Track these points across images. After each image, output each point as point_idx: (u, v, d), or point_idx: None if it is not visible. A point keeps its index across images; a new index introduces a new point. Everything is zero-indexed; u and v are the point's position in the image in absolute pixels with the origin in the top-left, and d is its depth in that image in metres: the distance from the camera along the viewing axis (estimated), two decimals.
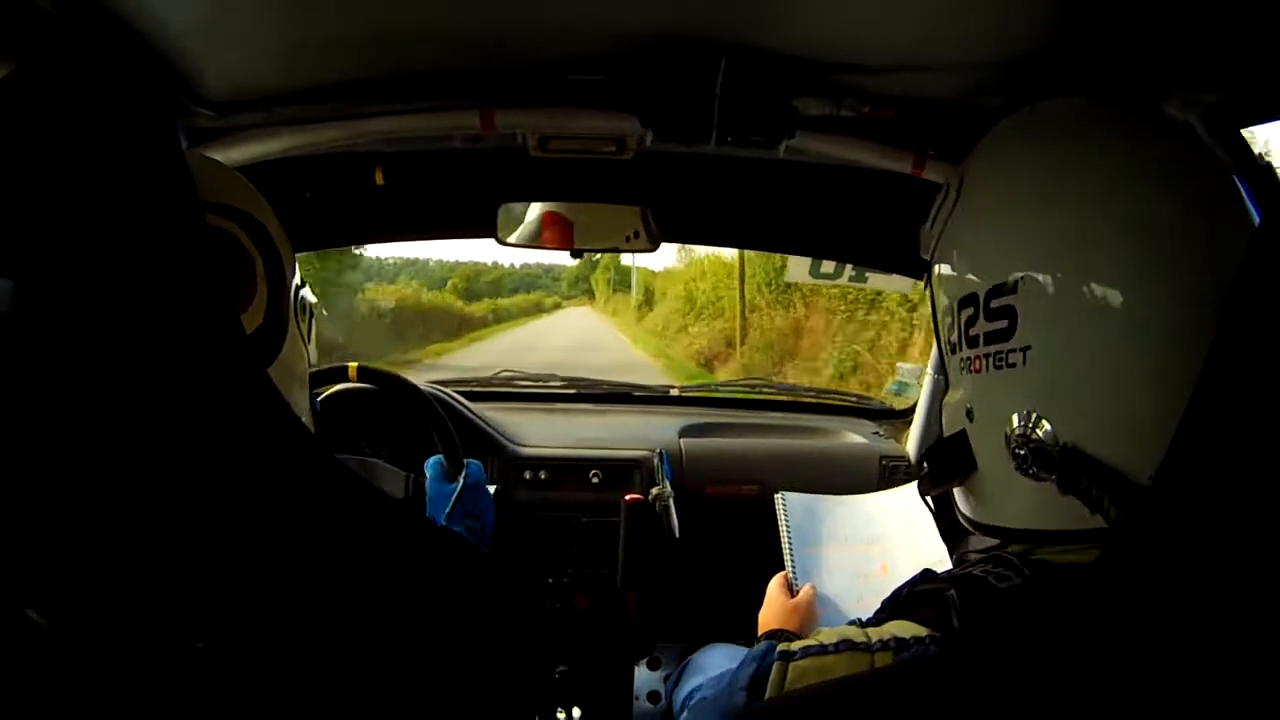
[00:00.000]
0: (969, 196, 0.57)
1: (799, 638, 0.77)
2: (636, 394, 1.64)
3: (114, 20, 0.63)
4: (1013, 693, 0.37)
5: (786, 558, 0.91)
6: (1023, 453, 0.51)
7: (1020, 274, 0.51)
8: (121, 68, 0.41)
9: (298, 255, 0.70)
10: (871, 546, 0.91)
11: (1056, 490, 0.50)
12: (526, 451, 1.32)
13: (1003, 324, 0.52)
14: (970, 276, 0.56)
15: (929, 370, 1.32)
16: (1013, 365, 0.52)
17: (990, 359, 0.54)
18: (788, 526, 0.93)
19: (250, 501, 0.42)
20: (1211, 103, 0.70)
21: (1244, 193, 0.51)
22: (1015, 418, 0.51)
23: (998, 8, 0.63)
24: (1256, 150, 0.71)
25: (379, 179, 1.07)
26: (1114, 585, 0.40)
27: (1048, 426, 0.50)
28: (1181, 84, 0.70)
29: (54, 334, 0.39)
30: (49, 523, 0.40)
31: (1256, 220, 0.50)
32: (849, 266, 1.34)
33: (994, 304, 0.53)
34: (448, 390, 1.36)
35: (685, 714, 0.66)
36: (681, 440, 1.36)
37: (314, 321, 0.72)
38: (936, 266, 0.61)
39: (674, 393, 1.66)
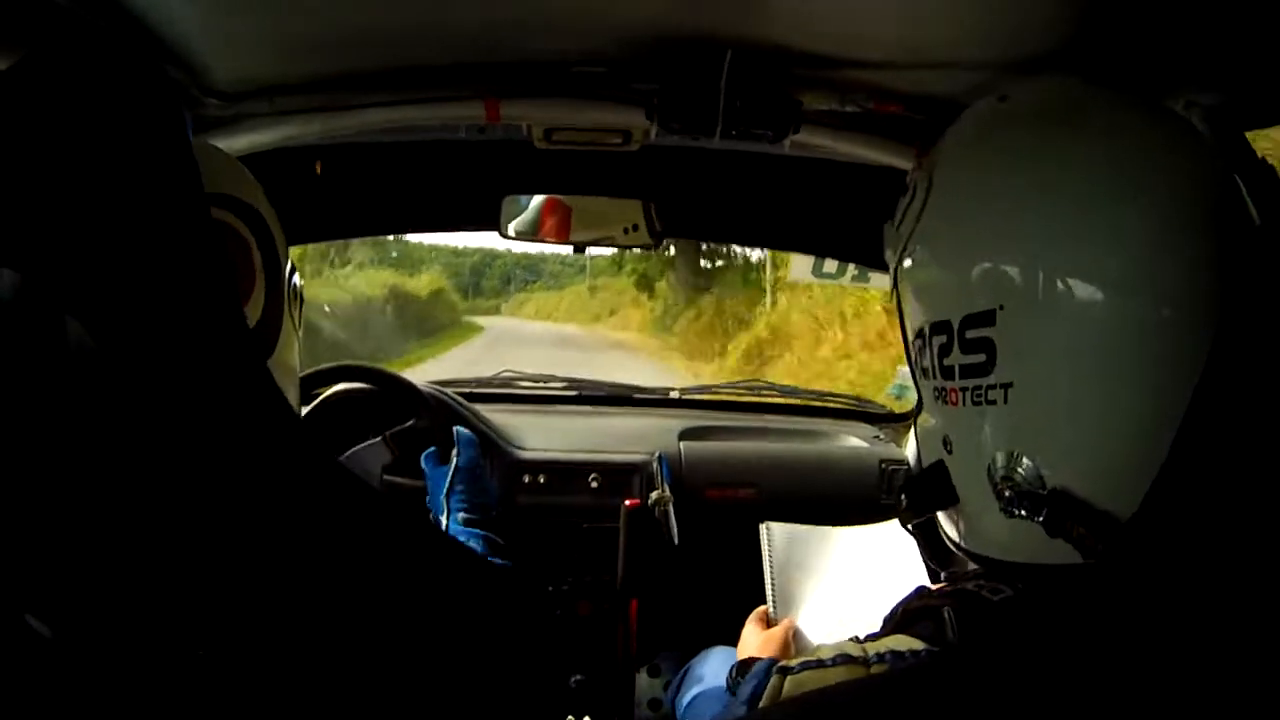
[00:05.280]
0: (939, 203, 0.52)
1: None
2: (637, 396, 1.63)
3: (123, 10, 0.63)
4: (1006, 697, 0.37)
5: (768, 587, 0.90)
6: (1009, 494, 0.47)
7: (999, 303, 0.46)
8: (131, 57, 0.41)
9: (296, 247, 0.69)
10: (852, 581, 0.90)
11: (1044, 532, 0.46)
12: (526, 455, 1.30)
13: (980, 357, 0.48)
14: (943, 300, 0.50)
15: None
16: (993, 402, 0.47)
17: (968, 394, 0.49)
18: (770, 555, 0.92)
19: (251, 505, 0.42)
20: (1214, 104, 0.70)
21: (1245, 196, 0.49)
22: (999, 456, 0.48)
23: (1003, 6, 0.63)
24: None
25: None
26: (1108, 589, 0.40)
27: (1033, 468, 0.47)
28: (1185, 84, 0.70)
29: (56, 330, 0.39)
30: (50, 527, 0.39)
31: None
32: (851, 265, 1.34)
33: (969, 335, 0.48)
34: (447, 391, 1.35)
35: None
36: (681, 443, 1.35)
37: (302, 309, 0.71)
38: (905, 279, 0.56)
39: (674, 395, 1.65)
